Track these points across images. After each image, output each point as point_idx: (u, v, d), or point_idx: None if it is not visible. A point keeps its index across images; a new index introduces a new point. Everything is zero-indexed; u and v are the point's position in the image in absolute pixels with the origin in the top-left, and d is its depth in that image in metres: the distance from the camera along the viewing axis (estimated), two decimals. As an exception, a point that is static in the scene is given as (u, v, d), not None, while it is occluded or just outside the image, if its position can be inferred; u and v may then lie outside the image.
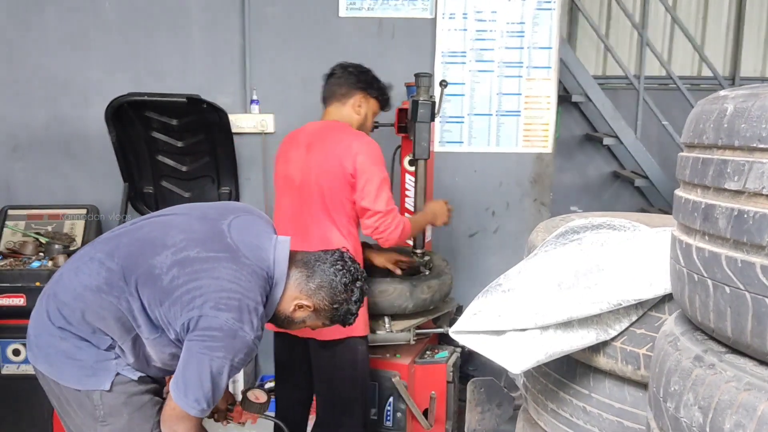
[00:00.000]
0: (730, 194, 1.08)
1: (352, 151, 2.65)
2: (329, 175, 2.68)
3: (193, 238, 1.90)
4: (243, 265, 1.86)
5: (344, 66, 2.88)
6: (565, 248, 1.79)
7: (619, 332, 1.71)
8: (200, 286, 1.81)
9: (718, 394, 1.05)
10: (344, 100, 2.83)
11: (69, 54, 3.97)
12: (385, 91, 2.94)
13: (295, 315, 2.02)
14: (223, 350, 1.79)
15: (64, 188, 4.03)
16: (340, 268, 2.00)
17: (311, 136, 2.77)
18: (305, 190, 2.74)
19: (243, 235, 1.94)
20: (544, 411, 1.99)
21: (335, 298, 2.00)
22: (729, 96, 1.13)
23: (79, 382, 1.91)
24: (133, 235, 1.99)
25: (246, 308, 1.81)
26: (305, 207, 2.74)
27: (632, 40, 6.18)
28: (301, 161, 2.75)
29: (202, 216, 2.02)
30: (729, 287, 1.07)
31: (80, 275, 1.92)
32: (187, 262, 1.84)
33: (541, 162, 4.13)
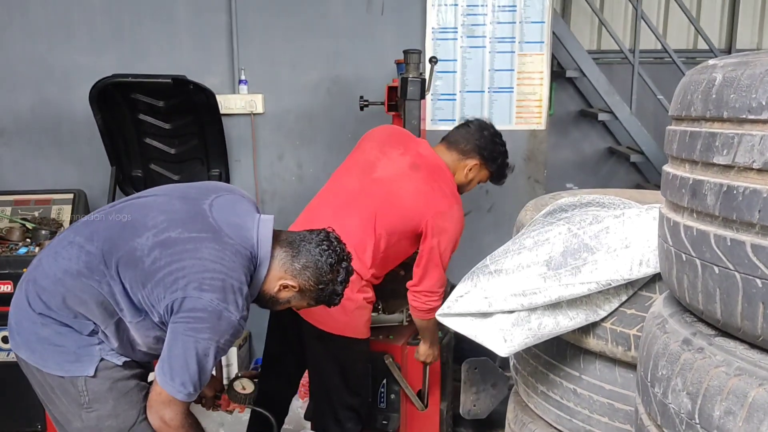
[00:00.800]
0: (718, 169, 1.03)
1: (444, 212, 2.57)
2: (412, 209, 2.57)
3: (175, 218, 1.86)
4: (226, 244, 1.82)
5: (483, 126, 2.78)
6: (552, 227, 1.74)
7: (609, 313, 1.68)
8: (183, 267, 1.77)
9: (707, 380, 1.01)
10: (461, 157, 2.73)
11: (53, 37, 3.89)
12: (503, 170, 2.83)
13: (279, 295, 1.98)
14: (208, 332, 1.76)
15: (51, 173, 3.97)
16: (326, 248, 1.96)
17: (423, 161, 2.65)
18: (381, 187, 2.61)
19: (225, 215, 1.90)
20: (534, 393, 1.96)
21: (321, 279, 1.96)
22: (718, 65, 1.07)
23: (63, 368, 1.87)
24: (112, 217, 1.94)
25: (230, 288, 1.78)
26: (365, 200, 2.60)
27: (627, 14, 6.09)
28: (399, 168, 2.63)
29: (183, 196, 1.97)
30: (718, 267, 1.03)
31: (59, 260, 1.88)
32: (169, 243, 1.80)
33: (534, 139, 4.07)
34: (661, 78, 5.57)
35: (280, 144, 4.07)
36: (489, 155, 2.74)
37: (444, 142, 2.80)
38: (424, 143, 2.80)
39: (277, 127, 4.05)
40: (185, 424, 1.88)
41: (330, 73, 4.00)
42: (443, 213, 2.58)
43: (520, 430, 2.01)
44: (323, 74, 4.00)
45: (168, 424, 1.86)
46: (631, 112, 5.20)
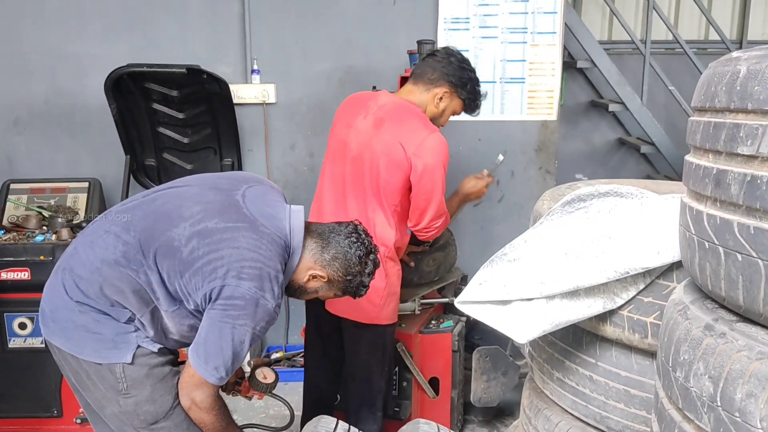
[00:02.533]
0: (742, 159, 1.05)
1: (424, 149, 2.49)
2: (392, 163, 2.51)
3: (210, 209, 1.90)
4: (262, 234, 1.87)
5: (449, 53, 2.66)
6: (571, 216, 1.76)
7: (626, 301, 1.70)
8: (222, 256, 1.81)
9: (729, 364, 1.04)
10: (429, 87, 2.61)
11: (67, 26, 3.91)
12: (476, 96, 2.72)
13: (308, 285, 2.03)
14: (245, 318, 1.81)
15: (66, 161, 4.01)
16: (355, 240, 2.01)
17: (384, 112, 2.57)
18: (359, 164, 2.58)
19: (258, 205, 1.94)
20: (549, 380, 1.99)
21: (349, 270, 2.00)
22: (742, 57, 1.09)
23: (100, 355, 1.90)
24: (147, 207, 1.97)
25: (267, 276, 1.83)
26: (354, 182, 2.60)
27: (638, 4, 6.07)
28: (365, 134, 2.57)
29: (215, 187, 2.01)
30: (741, 254, 1.05)
31: (96, 249, 1.91)
32: (207, 233, 1.84)
33: (546, 129, 4.08)
34: (672, 69, 5.56)
35: (292, 134, 4.09)
36: (458, 81, 2.62)
37: (411, 77, 2.68)
38: (383, 93, 2.71)
39: (290, 116, 4.07)
40: (215, 406, 1.93)
41: (342, 63, 4.01)
42: (419, 148, 2.49)
43: (535, 416, 2.03)
44: (335, 64, 4.02)
45: (198, 406, 1.90)
46: (642, 103, 5.19)
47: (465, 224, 4.18)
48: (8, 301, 3.23)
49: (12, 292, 3.21)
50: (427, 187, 2.53)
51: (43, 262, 3.14)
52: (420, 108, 2.61)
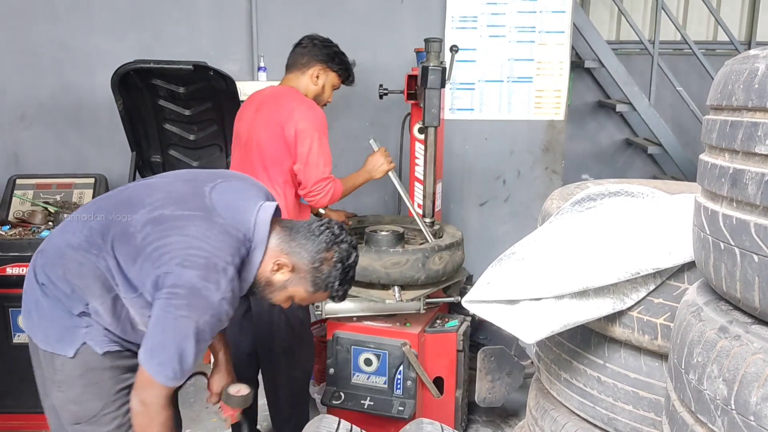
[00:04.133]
0: (760, 158, 1.03)
1: (294, 116, 2.73)
2: (270, 136, 2.76)
3: (171, 197, 1.88)
4: (215, 224, 1.81)
5: (311, 37, 2.96)
6: (581, 216, 1.75)
7: (636, 302, 1.68)
8: (169, 242, 1.77)
9: (744, 367, 1.02)
10: (304, 70, 2.90)
11: (74, 21, 3.91)
12: (346, 65, 2.99)
13: (275, 278, 1.92)
14: (186, 309, 1.73)
15: (72, 157, 4.01)
16: (325, 228, 1.93)
17: (263, 98, 2.87)
18: (248, 148, 2.84)
19: (224, 196, 1.89)
20: (557, 380, 1.97)
21: (315, 257, 1.90)
22: (761, 55, 1.07)
23: (48, 343, 1.90)
24: (117, 195, 1.99)
25: (213, 267, 1.75)
26: (246, 164, 2.84)
27: (647, 4, 6.06)
28: (248, 120, 2.86)
29: (190, 178, 2.00)
30: (758, 255, 1.03)
31: (65, 233, 1.92)
32: (161, 220, 1.81)
33: (553, 129, 4.06)
34: (680, 69, 5.55)
35: (299, 131, 4.08)
36: (325, 57, 2.91)
37: (286, 71, 2.96)
38: (268, 88, 2.99)
39: (296, 114, 4.06)
40: (162, 413, 1.82)
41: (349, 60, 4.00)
42: (289, 115, 2.73)
43: (542, 417, 2.02)
44: (342, 62, 4.00)
45: (146, 405, 1.81)
46: (649, 104, 5.17)
47: (471, 223, 4.17)
48: (13, 297, 3.22)
49: (17, 288, 3.14)
50: (302, 150, 2.73)
51: (49, 257, 3.14)
52: (296, 90, 2.88)
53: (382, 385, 3.02)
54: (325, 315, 3.05)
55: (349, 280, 1.98)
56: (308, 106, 2.79)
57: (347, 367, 3.05)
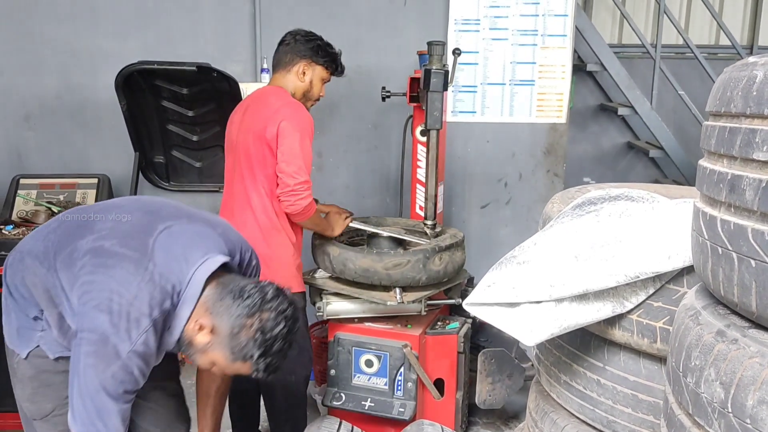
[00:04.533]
0: (758, 165, 1.05)
1: (278, 116, 2.68)
2: (254, 137, 2.73)
3: (119, 229, 1.81)
4: (143, 270, 1.70)
5: (293, 33, 2.89)
6: (581, 220, 1.76)
7: (636, 305, 1.69)
8: (94, 281, 1.71)
9: (740, 370, 1.03)
10: (289, 68, 2.85)
11: (78, 22, 3.92)
12: (333, 57, 2.92)
13: (195, 339, 1.77)
14: (93, 357, 1.64)
15: (76, 157, 4.02)
16: (255, 291, 1.73)
17: (250, 100, 2.86)
18: (236, 150, 2.83)
19: (172, 241, 1.79)
20: (556, 383, 1.99)
21: (235, 322, 1.71)
22: (759, 62, 1.09)
23: (10, 340, 1.95)
24: (83, 212, 1.95)
25: (126, 315, 1.65)
26: (235, 166, 2.85)
27: (649, 8, 6.07)
28: (237, 123, 2.85)
29: (153, 210, 1.90)
30: (755, 260, 1.04)
31: (31, 240, 1.94)
32: (98, 253, 1.75)
33: (554, 132, 4.07)
34: (682, 73, 5.56)
35: (301, 133, 4.10)
36: (309, 52, 2.85)
37: (273, 72, 2.93)
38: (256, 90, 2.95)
39: (299, 115, 4.07)
40: None
41: (352, 62, 3.99)
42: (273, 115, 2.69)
43: (542, 419, 2.03)
44: (345, 63, 3.99)
45: None
46: (651, 107, 5.18)
47: (472, 226, 4.18)
48: (16, 296, 3.24)
49: (20, 287, 3.21)
50: (283, 149, 2.67)
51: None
52: (283, 89, 2.84)
53: (383, 386, 3.03)
54: (326, 316, 3.06)
55: (274, 353, 1.74)
56: (293, 107, 2.73)
57: (348, 369, 3.06)
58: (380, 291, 2.97)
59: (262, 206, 2.77)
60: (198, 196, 4.05)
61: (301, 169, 2.67)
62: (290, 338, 1.76)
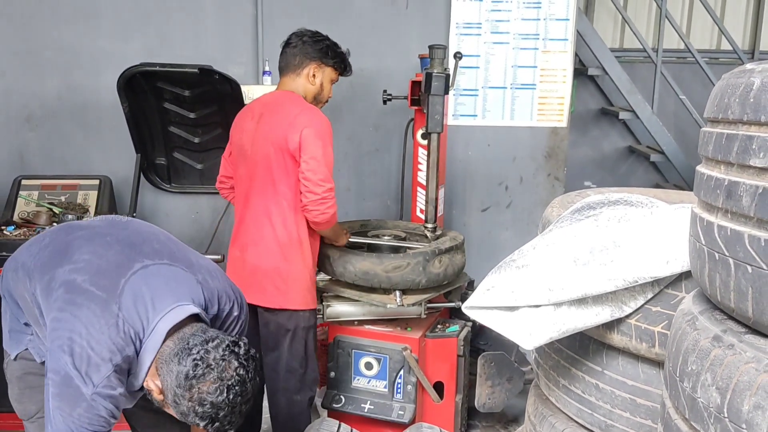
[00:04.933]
0: (755, 171, 1.05)
1: (299, 124, 2.61)
2: (275, 147, 2.64)
3: (95, 263, 1.77)
4: (108, 313, 1.67)
5: (300, 35, 2.81)
6: (580, 224, 1.77)
7: (634, 310, 1.69)
8: (61, 318, 1.69)
9: (737, 375, 1.04)
10: (298, 71, 2.77)
11: (81, 23, 3.94)
12: (341, 57, 2.85)
13: (153, 395, 1.74)
14: (58, 399, 1.63)
15: (78, 159, 4.03)
16: (199, 357, 1.62)
17: (263, 107, 2.76)
18: (252, 161, 2.72)
19: (144, 283, 1.73)
20: (555, 387, 1.99)
21: (176, 391, 1.64)
22: (756, 69, 1.09)
23: (4, 340, 2.01)
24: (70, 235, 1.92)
25: (86, 358, 1.62)
26: (252, 178, 2.74)
27: (650, 12, 6.07)
28: (251, 132, 2.74)
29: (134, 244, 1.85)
30: (751, 266, 1.05)
31: (26, 251, 1.95)
32: (70, 288, 1.72)
33: (555, 136, 4.08)
34: (684, 78, 5.56)
35: (303, 135, 4.10)
36: (318, 53, 2.77)
37: (281, 74, 2.83)
38: (264, 95, 2.87)
39: (300, 118, 4.08)
40: None
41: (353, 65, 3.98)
42: (292, 123, 2.62)
43: (540, 423, 2.03)
44: (347, 66, 4.03)
45: None
46: (652, 112, 5.19)
47: (472, 229, 4.19)
48: (17, 297, 3.25)
49: (21, 288, 3.22)
50: (307, 157, 2.60)
51: (53, 258, 3.15)
52: (296, 94, 2.76)
53: (383, 389, 3.04)
54: (326, 319, 3.07)
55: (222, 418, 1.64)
56: (312, 113, 2.68)
57: (348, 371, 3.07)
58: (380, 294, 2.98)
59: (282, 220, 2.69)
60: (199, 198, 4.06)
61: (327, 177, 2.62)
62: (239, 400, 1.65)
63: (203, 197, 3.97)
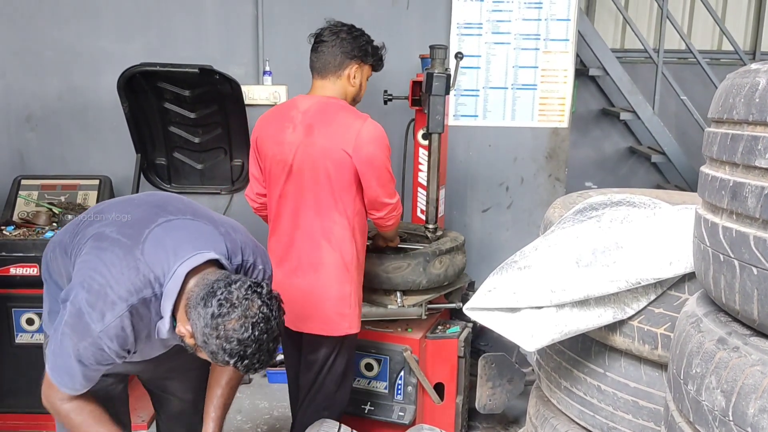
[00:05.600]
0: (760, 172, 1.04)
1: (361, 141, 2.45)
2: (335, 165, 2.46)
3: (122, 219, 1.92)
4: (130, 257, 1.77)
5: (335, 31, 2.61)
6: (583, 225, 1.76)
7: (637, 311, 1.68)
8: (87, 260, 1.82)
9: (742, 378, 1.03)
10: (339, 73, 2.57)
11: (81, 23, 3.93)
12: (380, 54, 2.71)
13: (186, 340, 1.79)
14: (70, 328, 1.75)
15: (77, 159, 4.02)
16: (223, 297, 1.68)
17: (309, 117, 2.52)
18: (302, 177, 2.51)
19: (166, 234, 1.83)
20: (557, 389, 1.98)
21: (203, 331, 1.69)
22: (761, 69, 1.08)
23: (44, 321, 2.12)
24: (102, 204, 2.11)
25: (103, 296, 1.72)
26: (303, 195, 2.53)
27: (652, 13, 6.07)
28: (298, 145, 2.50)
29: (159, 204, 1.97)
30: (757, 268, 1.04)
31: (63, 232, 2.07)
32: (99, 237, 1.86)
33: (556, 137, 4.07)
34: (685, 78, 5.55)
35: (303, 135, 4.09)
36: (360, 53, 2.60)
37: (317, 75, 2.61)
38: (299, 98, 2.64)
39: (301, 118, 4.07)
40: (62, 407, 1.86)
41: (354, 66, 4.01)
42: (357, 141, 2.45)
43: (542, 425, 2.02)
44: (347, 67, 4.01)
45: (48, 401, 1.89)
46: (653, 112, 5.18)
47: (473, 230, 4.18)
48: (16, 297, 3.24)
49: (20, 288, 3.21)
50: (375, 174, 2.49)
51: (52, 258, 3.15)
52: (340, 99, 2.58)
53: (383, 390, 3.03)
54: (326, 319, 3.05)
55: (250, 355, 1.68)
56: (372, 126, 2.50)
57: (348, 372, 3.06)
58: (380, 294, 2.97)
59: (345, 241, 2.53)
60: (199, 198, 4.04)
61: (393, 188, 2.58)
62: (266, 338, 1.69)
63: (203, 197, 3.96)
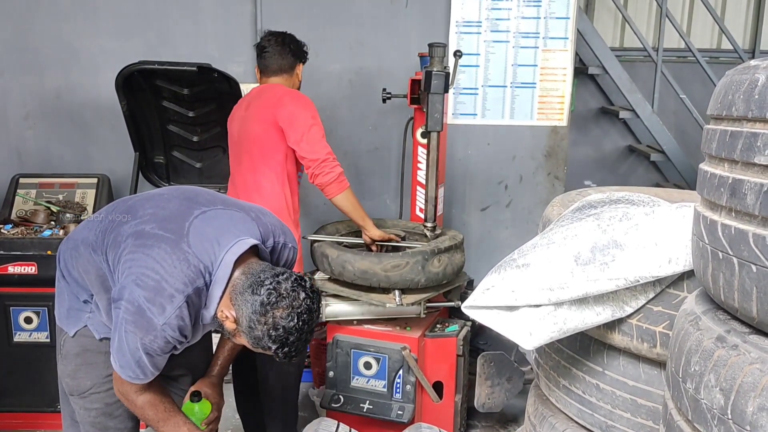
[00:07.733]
0: (759, 169, 1.04)
1: (284, 100, 2.87)
2: (263, 128, 2.87)
3: (159, 214, 1.94)
4: (178, 250, 1.83)
5: (279, 41, 3.05)
6: (581, 223, 1.75)
7: (636, 309, 1.68)
8: (134, 258, 1.85)
9: (741, 376, 1.02)
10: (291, 72, 3.08)
11: (79, 22, 3.92)
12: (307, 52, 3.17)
13: (225, 324, 1.89)
14: (132, 325, 1.80)
15: (76, 157, 4.01)
16: (272, 287, 1.79)
17: (251, 97, 3.02)
18: (240, 145, 2.97)
19: (206, 224, 1.90)
20: (556, 387, 1.97)
21: (251, 317, 1.80)
22: (761, 66, 1.08)
23: (60, 319, 2.13)
24: (128, 202, 2.11)
25: (161, 291, 1.79)
26: (242, 158, 2.96)
27: (651, 11, 6.06)
28: (240, 118, 3.00)
29: (190, 197, 2.03)
30: (756, 266, 1.03)
31: (84, 229, 2.08)
32: (140, 235, 1.89)
33: (555, 135, 4.06)
34: (684, 77, 5.55)
35: (302, 134, 4.09)
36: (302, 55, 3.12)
37: (270, 75, 3.08)
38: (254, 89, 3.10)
39: (299, 117, 4.06)
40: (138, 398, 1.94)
41: (353, 64, 4.01)
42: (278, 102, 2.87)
43: (540, 424, 2.02)
44: (346, 65, 4.01)
45: (122, 395, 1.97)
46: (652, 111, 5.17)
47: (472, 228, 4.18)
48: (14, 295, 3.24)
49: (18, 286, 3.21)
50: (301, 128, 2.82)
51: (50, 257, 3.14)
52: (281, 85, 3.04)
53: (382, 388, 3.03)
54: (325, 318, 3.05)
55: (291, 344, 1.81)
56: (297, 93, 2.97)
57: (347, 371, 3.06)
58: (379, 293, 2.97)
59: (274, 193, 2.88)
60: (198, 197, 4.04)
61: (325, 144, 2.83)
62: (306, 328, 1.83)
63: (202, 196, 3.95)
